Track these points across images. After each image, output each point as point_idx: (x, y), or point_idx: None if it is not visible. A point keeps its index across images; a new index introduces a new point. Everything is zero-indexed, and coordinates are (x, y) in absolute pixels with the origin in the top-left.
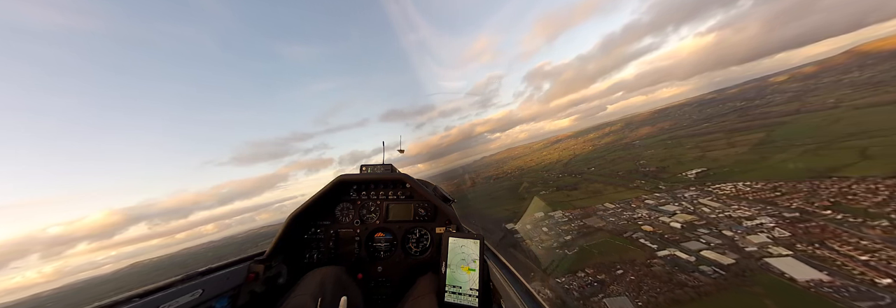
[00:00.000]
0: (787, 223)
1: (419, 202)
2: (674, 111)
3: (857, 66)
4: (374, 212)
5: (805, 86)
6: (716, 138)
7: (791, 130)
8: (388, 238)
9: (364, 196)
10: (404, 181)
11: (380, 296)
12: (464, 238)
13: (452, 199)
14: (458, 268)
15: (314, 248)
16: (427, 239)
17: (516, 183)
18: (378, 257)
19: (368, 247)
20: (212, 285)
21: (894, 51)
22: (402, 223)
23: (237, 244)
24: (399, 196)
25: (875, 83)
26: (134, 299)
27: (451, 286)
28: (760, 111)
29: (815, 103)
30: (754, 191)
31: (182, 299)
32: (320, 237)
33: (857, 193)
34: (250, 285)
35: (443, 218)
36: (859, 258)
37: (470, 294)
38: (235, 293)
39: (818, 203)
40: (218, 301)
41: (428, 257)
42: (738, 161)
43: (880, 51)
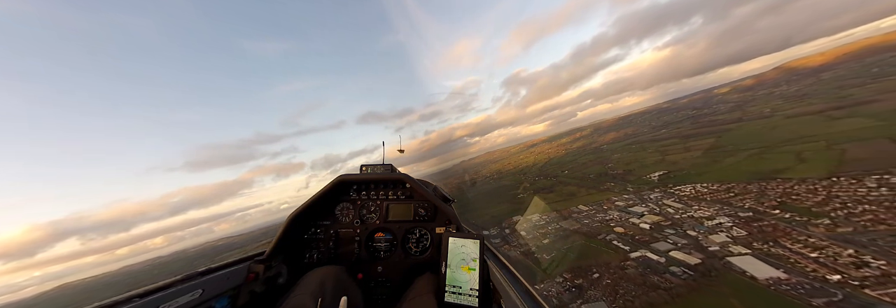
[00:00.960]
0: (743, 222)
1: (419, 202)
2: (635, 118)
3: (785, 80)
4: (374, 212)
5: (744, 97)
6: (673, 143)
7: (736, 136)
8: (388, 238)
9: (364, 196)
10: (404, 181)
11: (380, 296)
12: (464, 238)
13: (452, 199)
14: (458, 268)
15: (314, 248)
16: (427, 239)
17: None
18: (378, 257)
19: (368, 247)
20: (212, 285)
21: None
22: (402, 223)
23: (189, 259)
24: (399, 196)
25: (801, 95)
26: (134, 299)
27: (451, 286)
28: (709, 119)
29: (754, 112)
30: (711, 192)
31: (182, 299)
32: (320, 237)
33: (800, 194)
34: (250, 285)
35: (443, 218)
36: (809, 255)
37: (470, 294)
38: (235, 293)
39: (767, 203)
40: (218, 301)
41: (428, 257)
42: (694, 164)
43: (804, 67)
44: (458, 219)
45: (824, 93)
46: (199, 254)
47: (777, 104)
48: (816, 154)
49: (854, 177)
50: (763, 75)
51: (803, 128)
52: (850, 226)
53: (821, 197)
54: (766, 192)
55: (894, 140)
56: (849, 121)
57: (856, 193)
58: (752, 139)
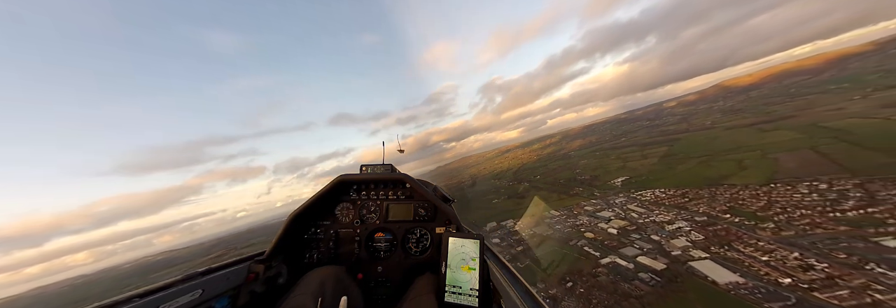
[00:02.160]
0: (699, 227)
1: (419, 202)
2: (598, 127)
3: (721, 97)
4: (374, 212)
5: (689, 110)
6: (632, 151)
7: (685, 145)
8: (388, 238)
9: (364, 196)
10: (404, 181)
11: (380, 296)
12: (464, 238)
13: (452, 199)
14: (458, 268)
15: (314, 248)
16: (427, 239)
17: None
18: (378, 257)
19: (368, 247)
20: (212, 285)
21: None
22: (402, 223)
23: (118, 278)
24: (399, 196)
25: (735, 110)
26: (134, 299)
27: (451, 286)
28: (661, 129)
29: (698, 124)
30: (668, 197)
31: (182, 299)
32: (320, 237)
33: (745, 199)
34: (250, 285)
35: (443, 218)
36: (761, 259)
37: (470, 294)
38: (235, 293)
39: (718, 207)
40: (218, 301)
41: (428, 257)
42: (652, 170)
43: (736, 86)
44: (458, 219)
45: (754, 108)
46: (131, 271)
47: (716, 117)
48: (755, 162)
49: (788, 183)
50: (704, 92)
51: (740, 139)
52: (792, 230)
53: (763, 202)
54: (716, 197)
55: (816, 151)
56: (777, 133)
57: (792, 199)
58: (699, 148)
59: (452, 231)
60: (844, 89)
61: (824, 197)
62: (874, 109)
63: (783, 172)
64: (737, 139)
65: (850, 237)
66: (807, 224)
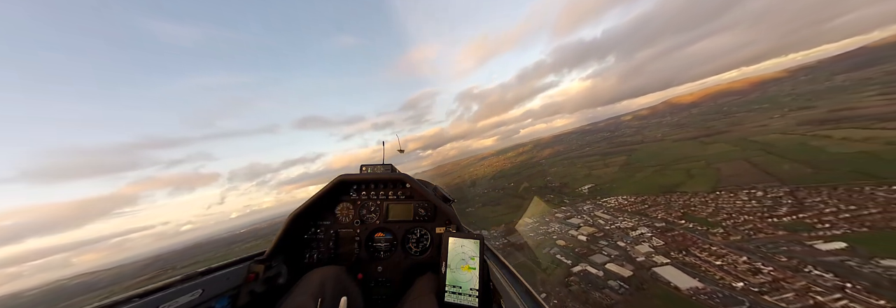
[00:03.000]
0: (659, 232)
1: (419, 202)
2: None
3: (669, 112)
4: (374, 212)
5: (642, 124)
6: (596, 159)
7: (641, 155)
8: (388, 238)
9: (364, 196)
10: (404, 181)
11: (380, 296)
12: (464, 238)
13: (452, 199)
14: (458, 268)
15: (314, 248)
16: (427, 239)
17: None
18: (378, 257)
19: (368, 247)
20: (212, 285)
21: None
22: (402, 223)
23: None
24: (399, 196)
25: (681, 125)
26: (134, 299)
27: (452, 286)
28: (620, 140)
29: (650, 136)
30: (630, 204)
31: (182, 299)
32: (320, 237)
33: (696, 206)
34: (250, 285)
35: (443, 218)
36: (715, 263)
37: (470, 294)
38: (235, 293)
39: (674, 213)
40: (218, 301)
41: (428, 257)
42: (614, 178)
43: (680, 103)
44: (458, 219)
45: (695, 124)
46: (38, 299)
47: (665, 131)
48: (700, 172)
49: (730, 191)
50: (654, 107)
51: (686, 150)
52: (739, 234)
53: (711, 208)
54: (671, 204)
55: (749, 161)
56: (716, 145)
57: (735, 205)
58: (653, 158)
59: (452, 231)
60: (766, 109)
61: (762, 203)
62: (792, 127)
63: (725, 181)
64: (684, 150)
65: (788, 241)
66: (750, 229)
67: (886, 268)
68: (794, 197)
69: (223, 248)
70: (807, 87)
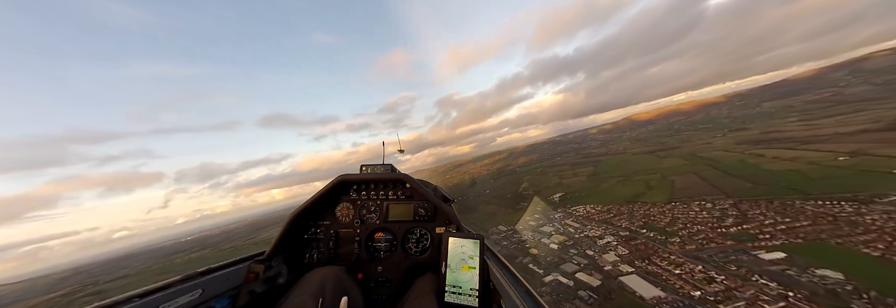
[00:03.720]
0: (624, 241)
1: (419, 202)
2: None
3: (629, 128)
4: (374, 212)
5: (607, 138)
6: (566, 169)
7: (606, 166)
8: (388, 238)
9: (364, 196)
10: (404, 181)
11: (380, 296)
12: (464, 238)
13: (452, 199)
14: (458, 268)
15: (314, 248)
16: (427, 239)
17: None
18: (378, 257)
19: (368, 247)
20: (212, 285)
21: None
22: (402, 223)
23: None
24: (399, 196)
25: (640, 139)
26: (134, 299)
27: (451, 286)
28: (587, 152)
29: (614, 149)
30: (597, 212)
31: (182, 299)
32: (320, 237)
33: (655, 215)
34: (250, 285)
35: (443, 218)
36: (675, 272)
37: (470, 294)
38: (235, 293)
39: (636, 223)
40: (218, 301)
41: (428, 257)
42: (582, 187)
43: (639, 120)
44: (458, 219)
45: (652, 139)
46: None
47: (626, 145)
48: (658, 183)
49: (684, 202)
50: (617, 123)
51: (645, 163)
52: (693, 244)
53: (669, 218)
54: (634, 213)
55: (698, 175)
56: (670, 159)
57: (689, 215)
58: (616, 169)
59: (452, 231)
60: (709, 129)
61: (711, 214)
62: (731, 145)
63: (679, 192)
64: (642, 163)
65: (736, 251)
66: (703, 239)
67: (821, 277)
68: (738, 209)
69: (161, 259)
70: (741, 112)
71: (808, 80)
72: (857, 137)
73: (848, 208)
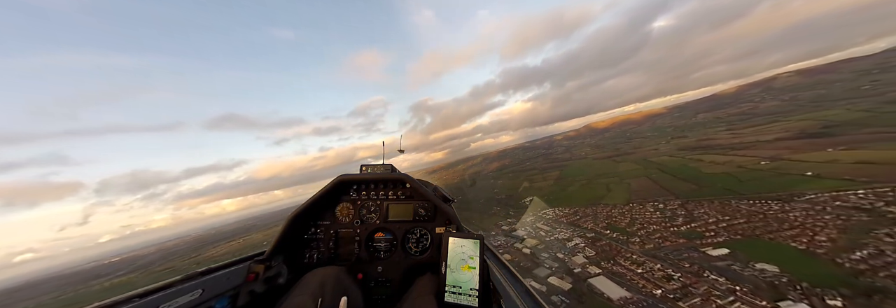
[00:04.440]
0: (590, 242)
1: (419, 202)
2: (510, 152)
3: (589, 135)
4: (374, 212)
5: (571, 144)
6: (535, 173)
7: (571, 171)
8: (388, 238)
9: (364, 196)
10: (404, 181)
11: (380, 296)
12: (464, 238)
13: (452, 199)
14: (458, 268)
15: (314, 248)
16: (427, 239)
17: None
18: (378, 257)
19: (368, 247)
20: (212, 285)
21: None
22: (402, 223)
23: None
24: (399, 196)
25: (599, 146)
26: (134, 299)
27: (451, 286)
28: (554, 157)
29: (577, 154)
30: (565, 215)
31: (182, 299)
32: (320, 237)
33: (616, 216)
34: (250, 285)
35: (443, 218)
36: (637, 272)
37: (470, 294)
38: (235, 293)
39: (601, 224)
40: (218, 301)
41: (428, 257)
42: (551, 191)
43: (598, 128)
44: (458, 219)
45: (609, 145)
46: None
47: (588, 150)
48: (616, 186)
49: (640, 203)
50: (579, 130)
51: (605, 167)
52: (651, 243)
53: (628, 219)
54: (598, 215)
55: (650, 178)
56: (625, 164)
57: (645, 216)
58: (580, 173)
59: (452, 231)
60: (656, 136)
61: (664, 214)
62: (674, 151)
63: (635, 195)
64: (603, 167)
65: (687, 248)
66: (658, 238)
67: (761, 271)
68: (686, 209)
69: (77, 285)
70: (680, 122)
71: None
72: (774, 144)
73: (774, 206)
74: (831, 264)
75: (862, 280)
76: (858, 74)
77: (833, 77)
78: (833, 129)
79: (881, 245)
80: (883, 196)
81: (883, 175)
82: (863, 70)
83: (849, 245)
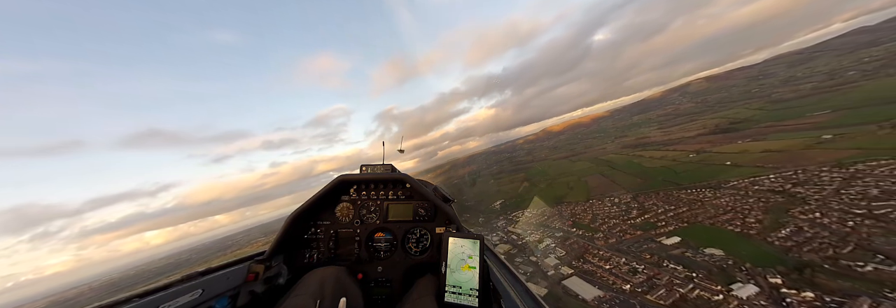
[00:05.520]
0: (560, 242)
1: (419, 202)
2: (477, 157)
3: (547, 138)
4: (374, 212)
5: (532, 147)
6: (503, 176)
7: (535, 172)
8: (388, 238)
9: (364, 196)
10: (404, 181)
11: (380, 296)
12: (464, 238)
13: (452, 199)
14: (458, 268)
15: (314, 248)
16: (427, 239)
17: None
18: (378, 257)
19: (368, 247)
20: (212, 285)
21: (557, 132)
22: (402, 223)
23: None
24: (399, 196)
25: (556, 147)
26: (134, 299)
27: (451, 286)
28: (518, 160)
29: (539, 157)
30: (534, 216)
31: (182, 299)
32: (320, 237)
33: (580, 213)
34: (250, 285)
35: (443, 218)
36: (605, 268)
37: (470, 294)
38: (235, 293)
39: (567, 222)
40: (218, 301)
41: (428, 257)
42: (518, 193)
43: (553, 131)
44: (458, 219)
45: (565, 147)
46: None
47: (547, 152)
48: (576, 184)
49: (599, 199)
50: (538, 134)
51: (563, 167)
52: (613, 237)
53: (590, 215)
54: (563, 214)
55: (603, 175)
56: (580, 163)
57: (604, 211)
58: (543, 175)
59: (452, 231)
60: (602, 137)
61: (620, 208)
62: (619, 149)
63: (593, 191)
64: (562, 167)
65: (645, 240)
66: (619, 231)
67: (710, 255)
68: (637, 201)
69: None
70: (620, 123)
71: (657, 100)
72: (696, 139)
73: (708, 194)
74: (764, 244)
75: (791, 256)
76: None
77: (730, 83)
78: (738, 124)
79: (798, 222)
80: (790, 179)
81: (785, 161)
82: (751, 76)
83: (773, 225)
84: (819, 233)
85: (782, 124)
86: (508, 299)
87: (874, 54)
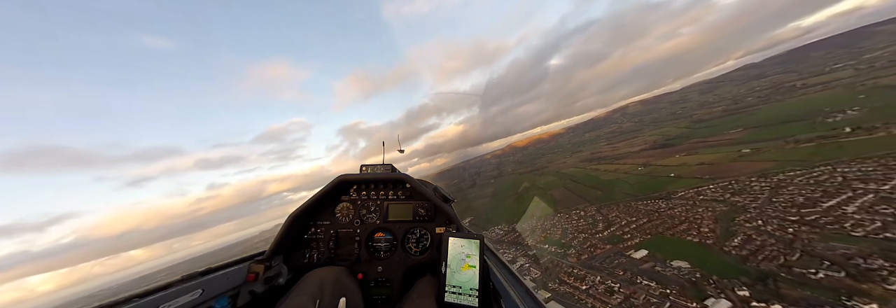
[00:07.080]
0: (533, 262)
1: (419, 202)
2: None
3: (513, 153)
4: (374, 212)
5: (500, 161)
6: (472, 192)
7: (503, 187)
8: (388, 238)
9: (364, 196)
10: (404, 181)
11: (380, 296)
12: (464, 238)
13: (452, 199)
14: (458, 268)
15: (314, 248)
16: (427, 239)
17: None
18: (378, 257)
19: (368, 247)
20: (212, 285)
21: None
22: (402, 223)
23: None
24: (399, 196)
25: (521, 162)
26: (134, 299)
27: (451, 286)
28: (486, 174)
29: (506, 171)
30: (506, 233)
31: (182, 299)
32: (320, 237)
33: (549, 228)
34: (250, 285)
35: (443, 218)
36: (582, 288)
37: (470, 294)
38: (235, 293)
39: (538, 238)
40: (218, 301)
41: (428, 257)
42: (488, 209)
43: (518, 147)
44: (458, 219)
45: (529, 162)
46: None
47: (514, 167)
48: (542, 197)
49: (565, 212)
50: (504, 149)
51: (529, 181)
52: (585, 253)
53: (560, 230)
54: (534, 230)
55: (566, 188)
56: (545, 177)
57: (572, 224)
58: (510, 189)
59: (452, 231)
60: (561, 152)
61: (587, 221)
62: (577, 163)
63: (559, 204)
64: (528, 181)
65: (614, 254)
66: (589, 246)
67: (678, 268)
68: (602, 213)
69: None
70: (576, 139)
71: (603, 119)
72: (641, 154)
73: (662, 204)
74: (722, 254)
75: (749, 266)
76: (672, 103)
77: (659, 106)
78: (673, 140)
79: (746, 230)
80: (727, 189)
81: (718, 172)
82: (674, 100)
83: (725, 234)
84: (766, 240)
85: (708, 140)
86: (508, 299)
87: (763, 85)
